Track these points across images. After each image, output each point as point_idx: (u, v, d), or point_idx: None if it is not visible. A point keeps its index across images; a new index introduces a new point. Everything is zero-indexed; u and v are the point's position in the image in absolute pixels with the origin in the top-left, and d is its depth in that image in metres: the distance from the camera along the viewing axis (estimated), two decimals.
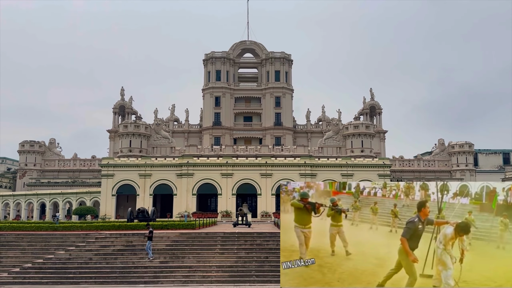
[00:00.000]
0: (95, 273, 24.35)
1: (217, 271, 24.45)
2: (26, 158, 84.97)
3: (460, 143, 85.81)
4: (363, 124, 79.90)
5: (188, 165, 60.55)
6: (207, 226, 40.06)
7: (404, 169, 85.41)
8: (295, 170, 60.97)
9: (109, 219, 55.02)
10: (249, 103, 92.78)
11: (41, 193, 68.58)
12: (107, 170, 61.03)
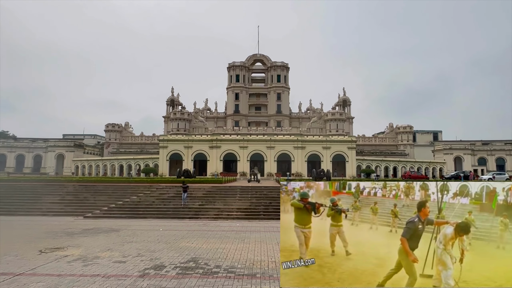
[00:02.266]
0: (157, 211, 25.10)
1: (237, 211, 24.92)
2: (110, 135, 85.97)
3: (404, 126, 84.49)
4: (338, 112, 78.96)
5: (217, 140, 60.82)
6: (230, 182, 40.63)
7: (365, 143, 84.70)
8: (291, 143, 60.87)
9: (165, 176, 56.02)
10: (259, 97, 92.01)
11: (120, 158, 69.74)
12: (163, 143, 61.62)
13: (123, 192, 31.49)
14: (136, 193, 30.62)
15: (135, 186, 33.25)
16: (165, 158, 61.07)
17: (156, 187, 31.02)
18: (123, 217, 23.86)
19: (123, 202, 27.22)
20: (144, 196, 28.28)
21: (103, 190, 32.17)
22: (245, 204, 26.32)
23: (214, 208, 25.43)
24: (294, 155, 60.16)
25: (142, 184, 34.27)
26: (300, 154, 60.13)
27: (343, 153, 60.66)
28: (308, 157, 60.82)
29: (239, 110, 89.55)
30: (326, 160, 60.27)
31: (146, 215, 24.33)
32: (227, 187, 31.27)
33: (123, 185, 33.87)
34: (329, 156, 60.45)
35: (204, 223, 21.35)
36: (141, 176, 57.31)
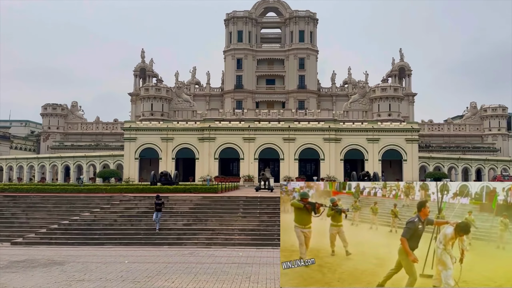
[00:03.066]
0: (120, 234, 25.10)
1: (239, 234, 24.81)
2: (49, 121, 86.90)
3: (493, 106, 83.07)
4: (391, 86, 78.03)
5: (209, 129, 60.80)
6: (229, 190, 40.37)
7: (433, 133, 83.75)
8: (319, 134, 60.48)
9: (133, 182, 56.32)
10: (272, 65, 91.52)
11: (65, 156, 70.49)
12: (130, 133, 61.93)
13: (70, 207, 31.54)
14: (89, 207, 30.67)
15: (88, 198, 33.24)
16: (133, 155, 61.46)
17: (120, 199, 31.04)
18: (70, 244, 23.92)
19: (69, 222, 27.25)
20: (102, 212, 28.29)
21: (40, 203, 32.29)
22: (251, 223, 26.22)
23: (206, 230, 25.37)
24: (324, 151, 59.89)
25: (98, 195, 34.29)
26: (333, 149, 59.81)
27: (399, 147, 60.11)
28: (345, 154, 60.50)
29: (242, 85, 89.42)
30: (373, 159, 59.85)
31: (104, 241, 24.38)
32: (225, 198, 31.16)
33: (70, 196, 33.91)
34: (377, 153, 60.01)
35: (191, 251, 21.33)
36: (96, 183, 57.74)
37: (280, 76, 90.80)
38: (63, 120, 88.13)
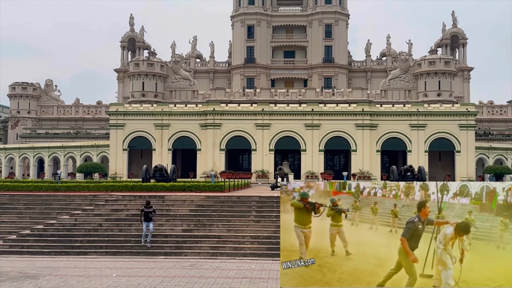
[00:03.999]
0: (106, 242, 25.29)
1: (251, 242, 24.86)
2: (19, 104, 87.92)
3: None
4: (441, 59, 76.99)
5: (214, 114, 60.88)
6: (239, 188, 40.49)
7: (494, 118, 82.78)
8: (350, 120, 60.16)
9: (121, 178, 56.84)
10: (291, 33, 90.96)
11: (38, 146, 71.34)
12: (116, 119, 62.36)
13: (46, 208, 31.86)
14: (68, 209, 30.97)
15: (67, 197, 33.58)
16: (121, 145, 61.94)
17: (106, 199, 31.31)
18: (45, 253, 24.24)
19: (45, 226, 27.60)
20: (84, 215, 28.59)
21: (8, 204, 32.72)
22: (266, 229, 26.24)
23: (210, 237, 25.51)
24: (356, 140, 59.60)
25: (79, 193, 34.64)
26: (367, 138, 59.48)
27: (451, 135, 59.50)
28: (382, 144, 60.16)
29: (254, 58, 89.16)
30: (418, 150, 59.39)
31: (87, 250, 24.65)
32: (234, 198, 31.25)
33: (45, 196, 34.30)
34: (423, 143, 59.53)
35: (193, 263, 21.47)
36: (77, 179, 58.38)
37: (302, 47, 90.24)
38: (36, 103, 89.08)
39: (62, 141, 74.49)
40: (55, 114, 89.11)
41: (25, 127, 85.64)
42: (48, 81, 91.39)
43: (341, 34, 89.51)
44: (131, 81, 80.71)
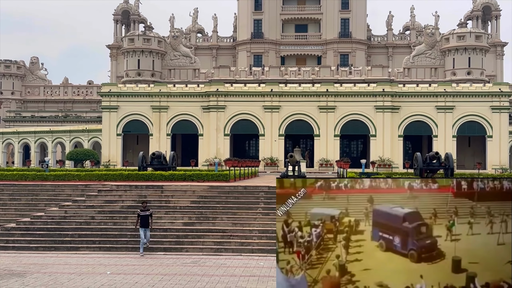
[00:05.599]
0: (99, 236, 25.35)
1: (259, 237, 24.86)
2: (1, 84, 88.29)
3: None
4: (471, 33, 76.21)
5: (218, 95, 60.77)
6: (246, 177, 40.55)
7: None
8: (369, 101, 59.87)
9: (115, 167, 57.06)
10: (304, 4, 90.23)
11: (23, 131, 71.65)
12: (109, 100, 62.41)
13: (32, 199, 31.95)
14: (58, 200, 30.99)
15: (56, 187, 33.64)
16: (115, 130, 62.04)
17: (99, 189, 31.36)
18: (32, 249, 24.35)
19: (32, 219, 27.69)
20: (75, 207, 28.66)
21: None
22: (275, 222, 26.14)
23: (214, 231, 25.56)
24: (376, 124, 59.36)
25: (69, 183, 34.73)
26: (388, 122, 59.21)
27: (482, 119, 59.15)
28: (405, 129, 59.92)
29: (262, 33, 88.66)
30: (445, 135, 59.10)
31: (78, 244, 24.75)
32: (240, 188, 31.22)
33: (31, 185, 34.40)
34: (451, 127, 59.20)
35: (195, 259, 21.55)
36: (66, 167, 58.58)
37: (315, 20, 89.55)
38: (20, 83, 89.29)
39: (50, 125, 74.48)
40: (42, 95, 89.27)
41: (9, 109, 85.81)
42: (34, 59, 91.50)
43: (360, 5, 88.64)
44: (126, 58, 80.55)
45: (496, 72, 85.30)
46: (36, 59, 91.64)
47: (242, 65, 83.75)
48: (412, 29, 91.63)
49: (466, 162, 61.68)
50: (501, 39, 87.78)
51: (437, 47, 78.69)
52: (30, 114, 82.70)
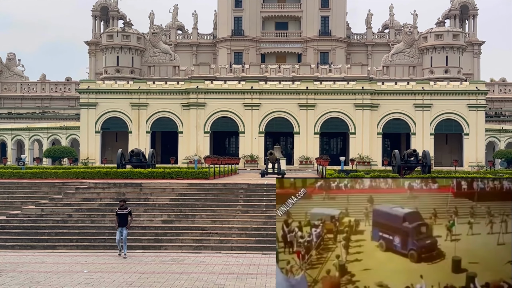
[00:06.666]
0: (77, 234, 25.22)
1: (239, 234, 24.94)
2: None
3: None
4: (449, 32, 77.15)
5: (197, 92, 60.62)
6: (225, 175, 40.64)
7: (506, 97, 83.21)
8: (349, 99, 60.19)
9: (93, 164, 56.65)
10: (284, 2, 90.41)
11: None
12: (88, 97, 61.90)
13: (8, 197, 31.58)
14: (34, 198, 30.69)
15: (33, 185, 33.28)
16: (93, 127, 61.56)
17: (76, 187, 31.18)
18: (8, 247, 24.10)
19: (7, 217, 27.41)
20: (52, 205, 28.46)
21: None
22: (255, 219, 26.40)
23: (194, 228, 25.57)
24: (355, 121, 59.73)
25: (46, 181, 34.44)
26: (367, 120, 59.62)
27: (459, 116, 59.85)
28: (384, 127, 60.39)
29: (242, 30, 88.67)
30: (422, 132, 59.70)
31: (55, 243, 24.58)
32: (220, 186, 31.27)
33: (7, 183, 34.01)
34: (429, 124, 59.82)
35: (174, 257, 21.57)
36: (43, 165, 57.99)
37: (295, 18, 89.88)
38: None
39: (27, 122, 73.81)
40: (19, 92, 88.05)
41: None
42: (10, 55, 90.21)
43: (339, 3, 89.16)
44: (104, 55, 80.00)
45: (473, 71, 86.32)
46: (13, 55, 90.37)
47: (222, 63, 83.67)
48: (391, 27, 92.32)
49: (443, 160, 62.38)
50: (478, 38, 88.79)
51: (415, 45, 79.46)
52: (7, 111, 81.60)
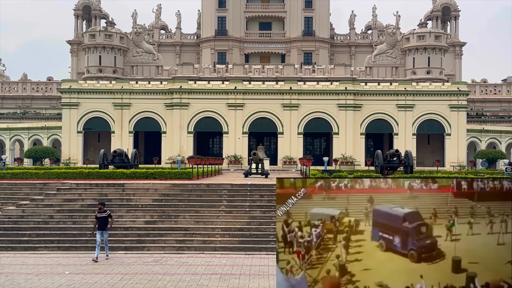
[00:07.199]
0: (58, 236, 25.00)
1: (222, 235, 24.94)
2: None
3: None
4: (431, 33, 77.85)
5: (181, 92, 60.49)
6: (209, 175, 40.66)
7: (487, 98, 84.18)
8: (332, 100, 60.47)
9: (75, 165, 56.29)
10: (268, 2, 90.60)
11: None
12: (70, 97, 61.44)
13: None
14: (15, 199, 30.45)
15: (13, 186, 33.04)
16: (75, 127, 61.12)
17: (58, 187, 30.91)
18: None
19: None
20: (33, 206, 28.21)
21: None
22: (238, 220, 26.41)
23: (177, 229, 25.50)
24: (338, 122, 60.00)
25: (27, 181, 34.18)
26: (351, 120, 59.93)
27: (441, 117, 60.43)
28: (367, 127, 60.74)
29: (226, 30, 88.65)
30: (405, 133, 60.16)
31: (36, 244, 24.38)
32: (203, 186, 31.22)
33: None
34: (411, 125, 60.31)
35: (156, 258, 21.48)
36: (24, 165, 57.52)
37: (279, 18, 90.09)
38: None
39: (8, 122, 73.27)
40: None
41: None
42: None
43: (323, 4, 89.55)
44: (87, 54, 79.47)
45: (455, 72, 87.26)
46: None
47: (206, 63, 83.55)
48: (374, 28, 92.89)
49: (425, 160, 62.91)
50: (459, 39, 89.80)
51: (398, 46, 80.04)
52: None
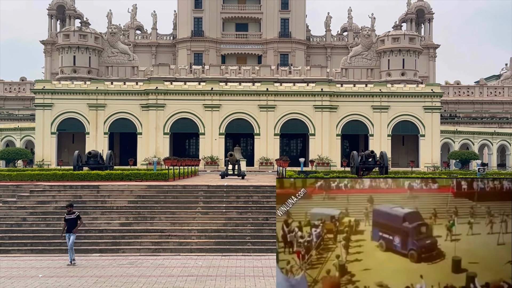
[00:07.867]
0: (31, 238, 24.78)
1: (199, 236, 24.95)
2: None
3: None
4: (405, 35, 78.85)
5: (157, 93, 60.23)
6: (185, 176, 40.63)
7: (460, 99, 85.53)
8: (308, 101, 60.76)
9: (49, 166, 55.67)
10: (244, 3, 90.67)
11: None
12: (43, 98, 60.75)
13: None
14: None
15: None
16: (49, 128, 60.44)
17: (31, 189, 30.64)
18: None
19: None
20: (5, 208, 27.88)
21: None
22: (214, 221, 26.43)
23: (152, 231, 25.44)
24: (314, 123, 60.34)
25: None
26: (327, 121, 60.32)
27: (415, 118, 61.19)
28: (343, 128, 61.19)
29: (202, 31, 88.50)
30: (380, 134, 60.78)
31: (9, 247, 24.16)
32: (179, 188, 31.16)
33: None
34: (386, 126, 60.96)
35: (132, 260, 21.36)
36: None
37: (255, 19, 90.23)
38: None
39: None
40: None
41: None
42: None
43: (299, 5, 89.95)
44: (61, 54, 78.64)
45: (429, 73, 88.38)
46: None
47: (182, 63, 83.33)
48: (350, 30, 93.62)
49: (400, 160, 63.61)
50: (433, 42, 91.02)
51: (373, 48, 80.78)
52: None
